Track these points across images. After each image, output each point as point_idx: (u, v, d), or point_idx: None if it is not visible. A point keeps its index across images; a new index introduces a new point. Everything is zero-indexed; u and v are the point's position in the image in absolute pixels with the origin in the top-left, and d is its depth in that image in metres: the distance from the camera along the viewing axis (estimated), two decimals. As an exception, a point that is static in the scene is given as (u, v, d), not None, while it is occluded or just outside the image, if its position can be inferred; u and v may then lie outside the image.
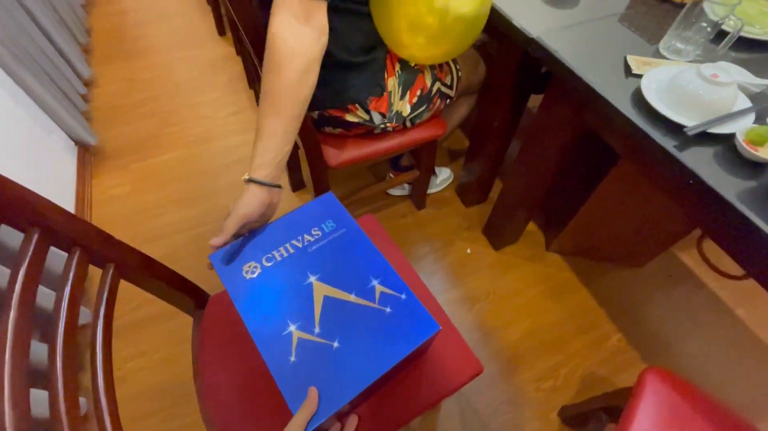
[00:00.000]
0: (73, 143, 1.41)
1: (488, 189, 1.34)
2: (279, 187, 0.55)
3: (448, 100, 0.97)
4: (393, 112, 0.89)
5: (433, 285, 1.17)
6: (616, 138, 0.69)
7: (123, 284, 0.52)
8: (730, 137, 0.57)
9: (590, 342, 1.08)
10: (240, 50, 1.75)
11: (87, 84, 1.68)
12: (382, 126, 0.91)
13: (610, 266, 1.22)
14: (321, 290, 0.50)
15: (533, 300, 1.15)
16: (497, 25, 0.83)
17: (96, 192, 1.38)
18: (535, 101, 0.96)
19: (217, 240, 0.51)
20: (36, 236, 0.41)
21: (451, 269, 1.22)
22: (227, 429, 0.57)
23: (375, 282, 0.50)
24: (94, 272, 0.50)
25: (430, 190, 1.36)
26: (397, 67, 0.87)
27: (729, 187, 0.53)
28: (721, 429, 0.60)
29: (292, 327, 0.47)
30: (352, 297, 0.49)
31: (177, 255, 1.21)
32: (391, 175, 1.26)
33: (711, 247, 1.25)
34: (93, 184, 1.40)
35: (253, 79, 1.66)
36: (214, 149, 1.52)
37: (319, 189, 1.03)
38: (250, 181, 0.53)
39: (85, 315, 1.02)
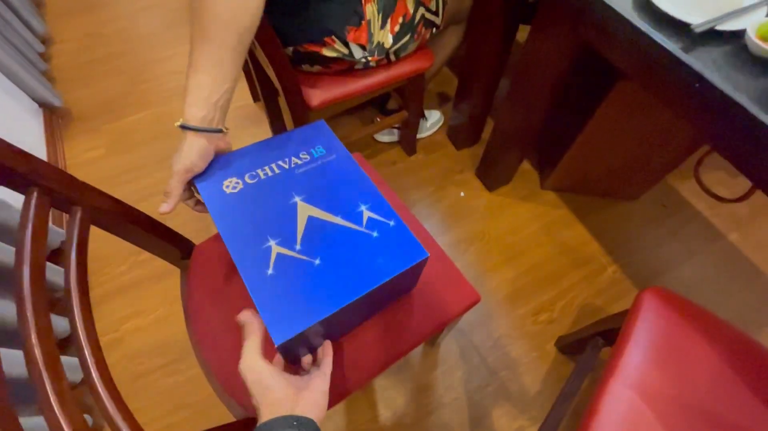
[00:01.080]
0: (37, 106, 1.32)
1: (480, 129, 1.30)
2: (219, 131, 0.47)
3: (434, 29, 0.90)
4: (374, 44, 0.82)
5: (428, 230, 1.16)
6: (616, 49, 0.64)
7: (111, 246, 0.49)
8: (740, 34, 0.52)
9: (586, 276, 1.09)
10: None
11: (44, 41, 1.56)
12: (364, 60, 0.84)
13: (605, 201, 1.21)
14: (306, 210, 0.47)
15: (528, 238, 1.15)
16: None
17: (69, 156, 1.31)
18: (523, 35, 0.89)
19: (165, 207, 0.47)
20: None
21: (446, 213, 1.19)
22: (227, 375, 0.56)
23: (363, 207, 0.48)
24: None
25: (421, 135, 1.31)
26: None
27: (740, 88, 0.49)
28: (719, 342, 0.60)
29: (272, 242, 0.45)
30: (338, 219, 0.47)
31: (165, 215, 1.17)
32: (378, 119, 1.20)
33: (707, 174, 1.23)
34: (65, 148, 1.33)
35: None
36: (190, 105, 1.44)
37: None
38: (183, 127, 0.45)
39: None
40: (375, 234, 0.46)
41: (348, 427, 0.90)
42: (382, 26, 0.81)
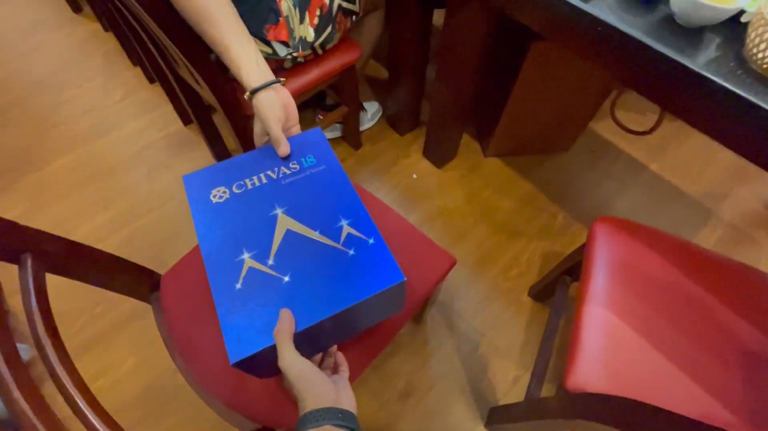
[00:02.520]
0: (-69, 173, 1.17)
1: (417, 113, 1.34)
2: (280, 81, 0.56)
3: (353, 17, 0.92)
4: (296, 39, 0.83)
5: (389, 217, 1.18)
6: (525, 10, 0.70)
7: (61, 303, 0.45)
8: (625, -20, 0.60)
9: (541, 226, 1.17)
10: (111, 24, 1.51)
11: None
12: (290, 57, 0.84)
13: (542, 157, 1.31)
14: (285, 223, 0.47)
15: (483, 204, 1.21)
16: None
17: (-16, 222, 1.17)
18: (440, 20, 0.94)
19: (286, 149, 0.52)
20: None
21: (404, 197, 1.23)
22: (230, 392, 0.55)
23: (344, 223, 0.47)
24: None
25: (364, 126, 1.33)
26: None
27: (633, 25, 0.56)
28: (665, 250, 0.68)
29: (246, 255, 0.44)
30: (315, 235, 0.46)
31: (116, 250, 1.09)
32: (320, 117, 1.20)
33: (622, 114, 1.37)
34: (-23, 213, 1.18)
35: (137, 53, 1.45)
36: (113, 141, 1.34)
37: (247, 146, 0.96)
38: (254, 91, 0.53)
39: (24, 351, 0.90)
40: (351, 252, 0.45)
41: (361, 420, 0.90)
42: (301, 20, 0.82)
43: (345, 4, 0.87)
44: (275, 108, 0.53)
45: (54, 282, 0.47)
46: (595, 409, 0.51)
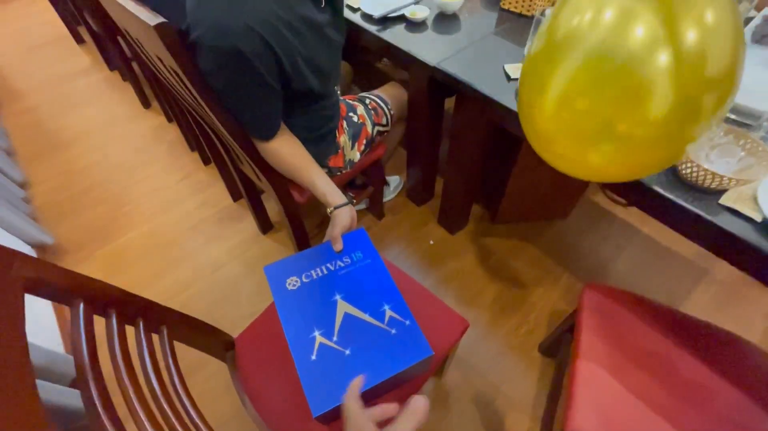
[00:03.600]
0: (29, 247, 1.41)
1: (432, 186, 1.55)
2: (353, 201, 0.79)
3: (385, 134, 1.17)
4: (347, 162, 1.08)
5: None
6: (513, 127, 0.91)
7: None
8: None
9: (547, 287, 1.31)
10: (173, 117, 1.83)
11: (23, 186, 1.67)
12: (338, 173, 1.09)
13: (544, 223, 1.48)
14: (343, 307, 0.64)
15: (494, 267, 1.37)
16: (405, 59, 1.04)
17: (68, 288, 1.38)
18: (450, 102, 1.17)
19: (340, 246, 0.72)
20: (82, 307, 0.51)
21: (422, 261, 1.40)
22: (288, 433, 0.69)
23: (386, 307, 0.64)
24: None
25: (386, 198, 1.55)
26: (344, 124, 1.05)
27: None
28: (651, 319, 0.82)
29: (317, 333, 0.62)
30: (366, 317, 0.63)
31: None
32: (351, 194, 1.42)
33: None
34: (62, 281, 1.40)
35: (193, 142, 1.75)
36: (174, 217, 1.59)
37: (294, 223, 1.17)
38: (336, 208, 0.78)
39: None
40: (393, 331, 0.62)
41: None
42: (352, 148, 1.08)
43: (381, 129, 1.13)
44: (346, 218, 0.76)
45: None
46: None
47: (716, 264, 1.35)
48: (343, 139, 1.04)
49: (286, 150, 0.86)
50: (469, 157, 1.19)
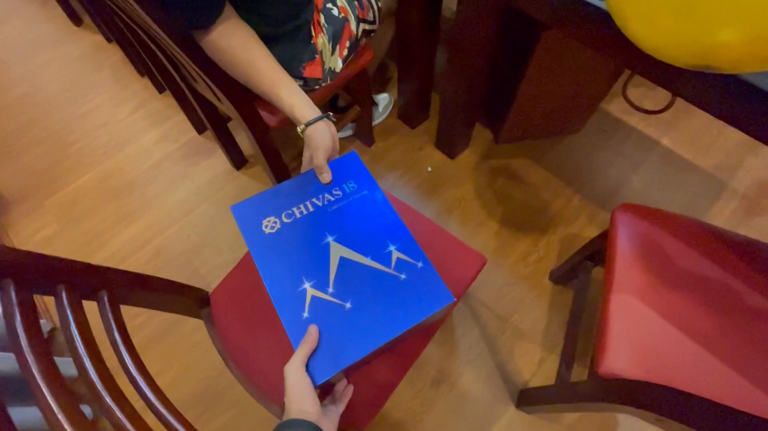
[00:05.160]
0: (-38, 200, 1.21)
1: (428, 104, 1.35)
2: (329, 115, 0.60)
3: (372, 34, 0.92)
4: (326, 71, 0.85)
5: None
6: (538, 7, 0.71)
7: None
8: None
9: (557, 210, 1.20)
10: (113, 35, 1.51)
11: (-59, 129, 1.40)
12: (317, 87, 0.86)
13: (554, 139, 1.32)
14: (338, 251, 0.50)
15: (499, 191, 1.23)
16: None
17: (18, 243, 1.22)
18: (447, 4, 0.94)
19: (329, 177, 0.56)
20: (12, 287, 0.36)
21: (420, 190, 1.25)
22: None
23: (392, 248, 0.51)
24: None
25: (376, 121, 1.35)
26: (321, 19, 0.80)
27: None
28: (685, 235, 0.71)
29: (307, 285, 0.48)
30: (368, 261, 0.50)
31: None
32: (335, 119, 1.22)
33: (633, 92, 1.37)
34: (10, 235, 1.23)
35: (144, 63, 1.46)
36: (131, 155, 1.37)
37: (269, 154, 0.98)
38: (308, 124, 0.58)
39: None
40: (403, 276, 0.49)
41: (394, 409, 0.95)
42: (333, 52, 0.83)
43: (368, 27, 0.88)
44: (326, 138, 0.57)
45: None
46: (627, 394, 0.55)
47: (736, 175, 1.24)
48: (321, 39, 0.80)
49: (237, 42, 0.62)
50: (473, 63, 0.98)
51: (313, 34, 0.79)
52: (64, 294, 0.40)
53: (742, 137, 1.30)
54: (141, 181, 1.31)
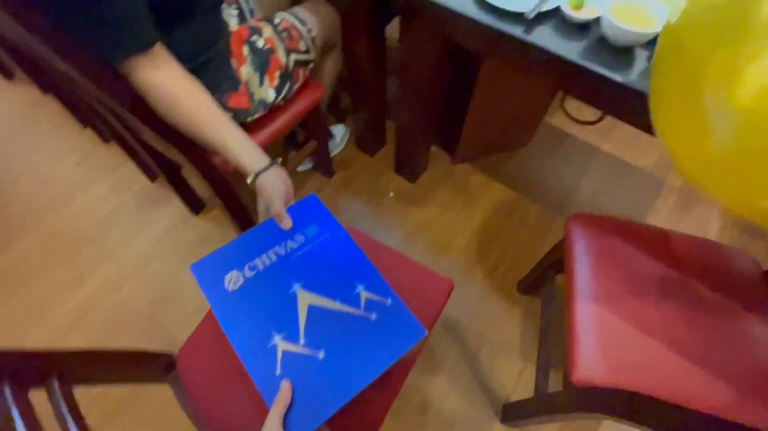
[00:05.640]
0: None
1: (383, 132, 1.38)
2: (277, 161, 0.60)
3: (311, 65, 0.94)
4: (256, 102, 0.84)
5: (374, 237, 1.21)
6: (473, 40, 0.75)
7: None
8: (558, 9, 0.66)
9: (517, 222, 1.25)
10: (49, 87, 1.44)
11: None
12: (250, 119, 0.86)
13: (506, 154, 1.38)
14: (305, 298, 0.49)
15: (461, 211, 1.27)
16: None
17: (-47, 320, 1.10)
18: (392, 33, 0.97)
19: (289, 223, 0.55)
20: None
21: (384, 216, 1.27)
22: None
23: (360, 288, 0.50)
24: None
25: (334, 152, 1.36)
26: (245, 50, 0.80)
27: (572, 50, 0.62)
28: (632, 238, 0.76)
29: (277, 339, 0.47)
30: (336, 305, 0.49)
31: (103, 337, 1.06)
32: (294, 153, 1.22)
33: (571, 105, 1.47)
34: (-57, 313, 1.12)
35: (85, 114, 1.40)
36: (79, 208, 1.30)
37: (227, 199, 0.96)
38: (257, 174, 0.57)
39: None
40: (374, 316, 0.48)
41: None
42: (261, 83, 0.83)
43: (302, 57, 0.89)
44: (278, 185, 0.56)
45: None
46: (601, 402, 0.57)
47: (671, 172, 1.35)
48: (246, 70, 0.80)
49: (179, 85, 0.60)
50: (422, 90, 1.02)
51: (235, 66, 0.79)
52: (7, 391, 0.37)
53: (670, 137, 1.42)
54: (92, 237, 1.24)
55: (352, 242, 0.55)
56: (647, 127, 0.64)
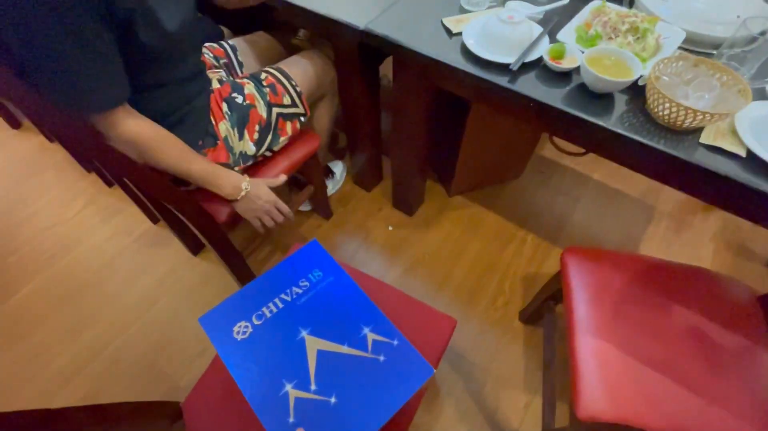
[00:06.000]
0: None
1: (379, 167, 1.42)
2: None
3: (302, 117, 0.96)
4: (236, 155, 0.86)
5: (375, 272, 1.23)
6: (462, 89, 0.81)
7: None
8: (541, 60, 0.71)
9: (514, 252, 1.27)
10: (55, 136, 1.49)
11: None
12: (236, 169, 0.88)
13: (500, 186, 1.43)
14: (314, 344, 0.51)
15: (458, 242, 1.29)
16: (324, 26, 0.87)
17: (-47, 372, 1.09)
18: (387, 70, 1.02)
19: (292, 216, 0.79)
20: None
21: (383, 250, 1.29)
22: None
23: (366, 330, 0.52)
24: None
25: (333, 190, 1.39)
26: (225, 107, 0.83)
27: (554, 97, 0.67)
28: (627, 269, 0.78)
29: (288, 387, 0.48)
30: (344, 349, 0.51)
31: (104, 385, 1.05)
32: (294, 195, 1.25)
33: (559, 140, 1.53)
34: (-58, 366, 1.10)
35: (89, 161, 1.44)
36: (82, 254, 1.31)
37: (219, 245, 0.97)
38: (246, 193, 0.81)
39: None
40: (382, 358, 0.50)
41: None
42: (240, 137, 0.85)
43: (286, 111, 0.91)
44: (268, 193, 0.72)
45: None
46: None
47: (660, 198, 1.39)
48: (224, 126, 0.83)
49: (147, 129, 0.69)
50: (415, 129, 1.07)
51: (213, 121, 0.82)
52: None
53: (657, 164, 1.47)
54: (94, 282, 1.25)
55: (355, 285, 0.57)
56: (630, 164, 0.68)
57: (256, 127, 0.87)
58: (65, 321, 1.17)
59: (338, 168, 1.41)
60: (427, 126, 1.06)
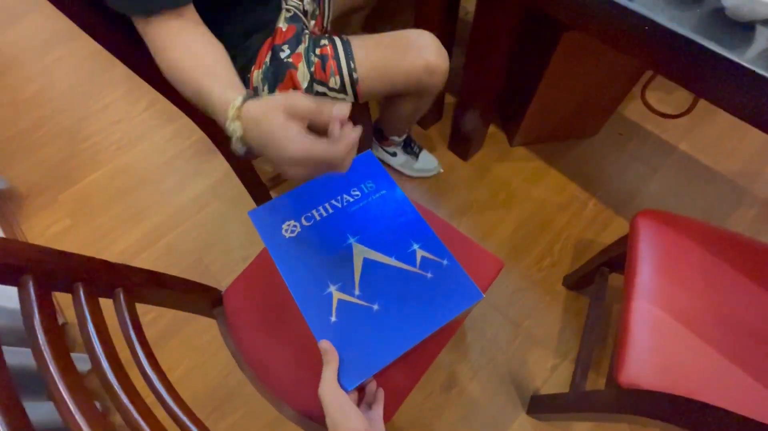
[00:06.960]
0: (-22, 194, 1.22)
1: (441, 105, 1.33)
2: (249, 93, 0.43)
3: (347, 103, 0.78)
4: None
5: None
6: (565, 8, 0.69)
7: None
8: (670, -25, 0.58)
9: (571, 215, 1.18)
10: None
11: (-41, 123, 1.42)
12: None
13: (569, 143, 1.30)
14: (361, 252, 0.49)
15: (512, 195, 1.22)
16: None
17: (32, 237, 1.22)
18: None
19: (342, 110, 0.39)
20: (31, 284, 0.36)
21: (432, 192, 1.24)
22: (303, 400, 0.58)
23: (416, 247, 0.50)
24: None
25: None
26: (267, 57, 0.71)
27: (683, 22, 0.55)
28: (707, 242, 0.69)
29: (332, 288, 0.47)
30: (392, 261, 0.49)
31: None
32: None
33: (652, 96, 1.35)
34: (24, 230, 1.24)
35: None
36: (144, 151, 1.38)
37: (245, 174, 0.99)
38: (245, 99, 0.40)
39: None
40: (429, 275, 0.48)
41: (404, 413, 0.94)
42: (270, 93, 0.73)
43: (328, 92, 0.74)
44: (297, 103, 0.38)
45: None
46: (649, 406, 0.53)
47: (758, 183, 1.21)
48: (257, 76, 0.72)
49: (209, 48, 0.49)
50: (491, 65, 0.96)
51: (253, 67, 0.72)
52: (81, 292, 0.40)
53: (763, 144, 1.27)
54: (153, 178, 1.31)
55: (408, 201, 0.54)
56: (746, 113, 0.56)
57: (290, 91, 0.72)
58: (126, 209, 1.26)
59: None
60: (506, 58, 0.95)
